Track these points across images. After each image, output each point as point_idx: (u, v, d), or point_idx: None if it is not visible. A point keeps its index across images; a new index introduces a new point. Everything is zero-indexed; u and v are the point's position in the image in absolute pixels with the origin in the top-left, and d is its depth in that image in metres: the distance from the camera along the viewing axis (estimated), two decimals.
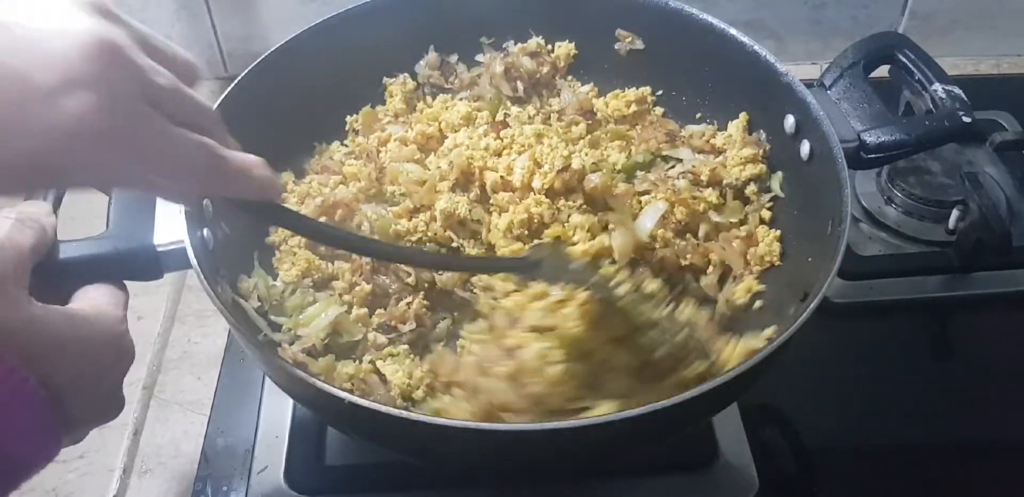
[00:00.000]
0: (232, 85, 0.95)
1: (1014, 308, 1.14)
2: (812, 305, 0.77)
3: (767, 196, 1.01)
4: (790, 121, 0.97)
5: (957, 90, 0.94)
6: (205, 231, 0.86)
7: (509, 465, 0.82)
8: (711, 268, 0.99)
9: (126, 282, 0.81)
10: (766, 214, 1.00)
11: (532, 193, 0.98)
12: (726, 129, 1.07)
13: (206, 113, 0.64)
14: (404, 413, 0.71)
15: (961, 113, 0.92)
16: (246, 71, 0.97)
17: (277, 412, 1.00)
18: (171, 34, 1.40)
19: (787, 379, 1.04)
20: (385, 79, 1.12)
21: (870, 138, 0.92)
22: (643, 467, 0.94)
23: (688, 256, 0.99)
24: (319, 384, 0.71)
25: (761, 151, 1.02)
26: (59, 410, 0.64)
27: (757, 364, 0.74)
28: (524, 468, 0.85)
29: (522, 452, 0.77)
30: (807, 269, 0.90)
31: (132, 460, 1.00)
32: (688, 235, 1.01)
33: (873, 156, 0.92)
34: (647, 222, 0.98)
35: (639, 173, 1.04)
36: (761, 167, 1.01)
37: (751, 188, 1.02)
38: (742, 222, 1.01)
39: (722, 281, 0.99)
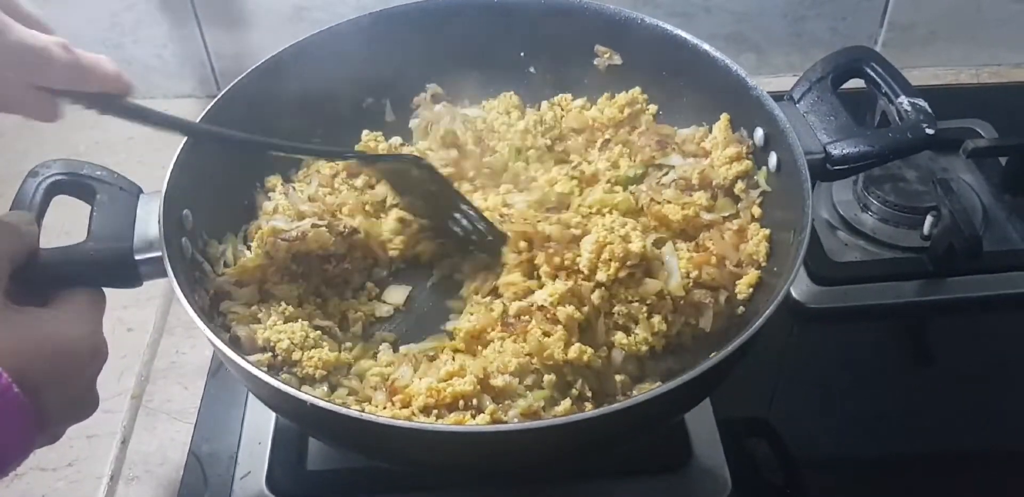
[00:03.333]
0: (217, 97, 0.97)
1: (988, 312, 1.15)
2: (768, 312, 0.78)
3: (756, 192, 1.01)
4: (759, 134, 0.99)
5: (922, 103, 0.95)
6: (183, 240, 0.88)
7: (480, 467, 0.84)
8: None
9: (114, 291, 0.83)
10: (757, 211, 1.01)
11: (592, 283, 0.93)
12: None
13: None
14: (365, 415, 0.72)
15: (924, 125, 0.93)
16: (231, 84, 0.99)
17: (260, 420, 1.02)
18: (163, 53, 1.43)
19: (762, 383, 1.07)
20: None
21: (836, 150, 0.93)
22: (617, 469, 0.95)
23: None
24: (283, 387, 0.74)
25: (744, 148, 1.03)
26: (35, 407, 0.67)
27: (719, 363, 0.76)
28: (497, 470, 0.86)
29: (491, 453, 0.79)
30: (773, 279, 0.92)
31: (120, 468, 1.02)
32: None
33: (839, 168, 0.94)
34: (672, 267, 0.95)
35: (632, 187, 1.06)
36: (747, 163, 1.02)
37: (739, 186, 1.02)
38: (734, 217, 1.02)
39: None
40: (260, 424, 1.02)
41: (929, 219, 1.16)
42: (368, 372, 0.91)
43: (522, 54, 1.15)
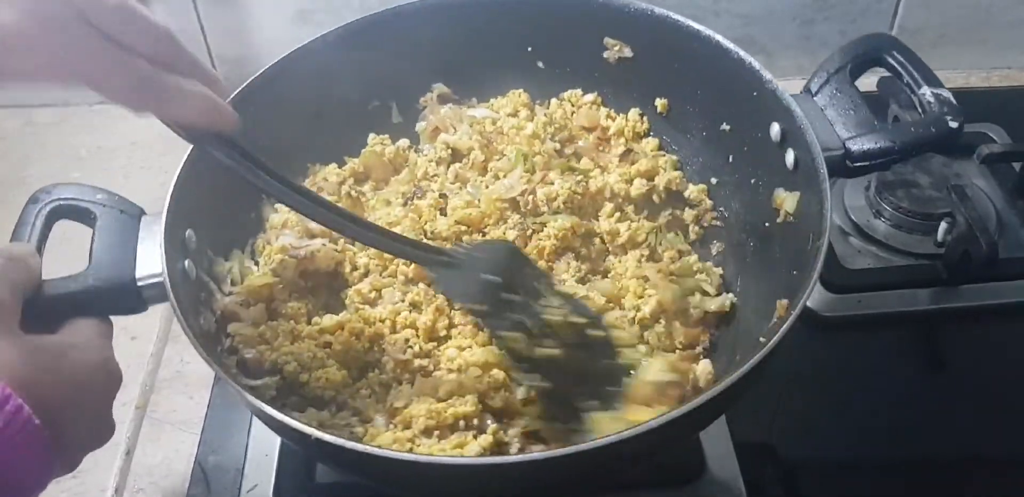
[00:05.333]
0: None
1: (1003, 320, 1.13)
2: (789, 322, 0.76)
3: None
4: (775, 129, 0.95)
5: (946, 93, 0.91)
6: (186, 262, 0.87)
7: (491, 494, 0.82)
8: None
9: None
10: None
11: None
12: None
13: (155, 30, 0.71)
14: (370, 448, 0.71)
15: (948, 117, 0.89)
16: (237, 91, 0.97)
17: (267, 431, 0.98)
18: None
19: (775, 392, 1.06)
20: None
21: (855, 146, 0.90)
22: (630, 483, 0.94)
23: None
24: (285, 419, 0.72)
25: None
26: (52, 436, 0.66)
27: (738, 381, 0.74)
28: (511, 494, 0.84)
29: (499, 483, 0.77)
30: (793, 282, 0.90)
31: (124, 479, 1.01)
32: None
33: (859, 164, 0.90)
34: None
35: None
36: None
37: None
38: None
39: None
40: (267, 435, 1.00)
41: (943, 226, 1.14)
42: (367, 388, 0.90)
43: (530, 49, 1.13)
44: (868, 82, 1.01)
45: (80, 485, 1.00)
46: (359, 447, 0.71)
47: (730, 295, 0.98)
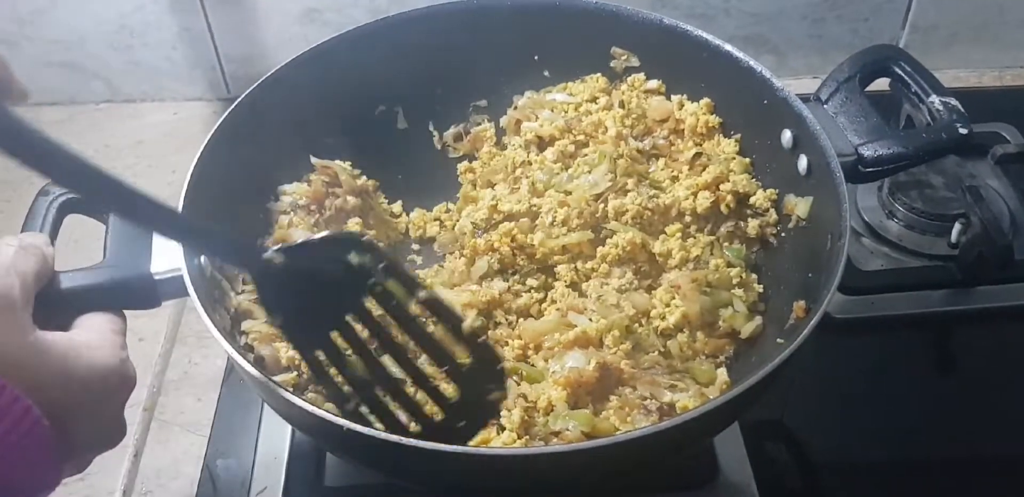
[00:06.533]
0: (233, 106, 0.95)
1: (1018, 322, 1.12)
2: (812, 322, 0.76)
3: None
4: (787, 136, 0.97)
5: (954, 102, 0.93)
6: (202, 258, 0.86)
7: (513, 490, 0.82)
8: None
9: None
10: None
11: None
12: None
13: None
14: (404, 439, 0.70)
15: (958, 125, 0.91)
16: (246, 92, 0.97)
17: (277, 433, 1.00)
18: (173, 56, 1.41)
19: (789, 395, 1.05)
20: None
21: (868, 152, 0.91)
22: (643, 486, 0.93)
23: None
24: (318, 412, 0.71)
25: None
26: (62, 438, 0.65)
27: (757, 383, 0.74)
28: (526, 492, 0.83)
29: (524, 476, 0.77)
30: (808, 284, 0.90)
31: (132, 482, 1.00)
32: None
33: (871, 170, 0.92)
34: None
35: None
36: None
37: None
38: None
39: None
40: (276, 437, 1.00)
41: (957, 227, 1.13)
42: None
43: (536, 58, 1.13)
44: (882, 81, 1.01)
45: (88, 488, 0.99)
46: (393, 438, 0.70)
47: (759, 318, 0.95)
